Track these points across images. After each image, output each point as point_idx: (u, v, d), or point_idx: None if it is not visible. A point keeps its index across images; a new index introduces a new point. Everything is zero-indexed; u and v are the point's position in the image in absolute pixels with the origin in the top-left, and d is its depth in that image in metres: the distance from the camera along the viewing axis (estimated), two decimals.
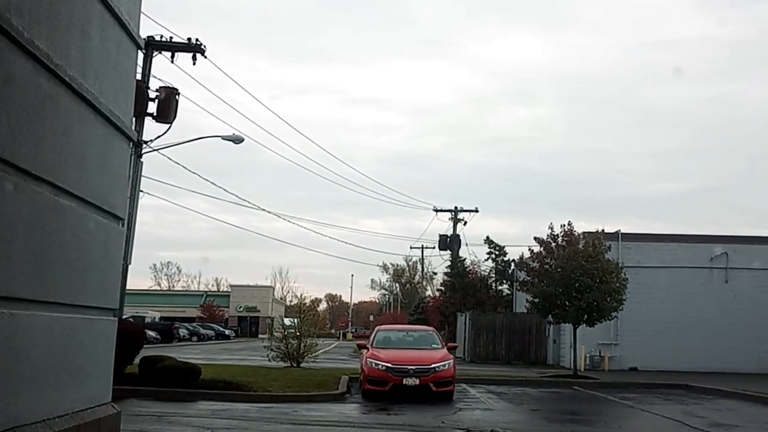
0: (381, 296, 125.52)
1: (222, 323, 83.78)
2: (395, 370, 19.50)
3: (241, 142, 26.51)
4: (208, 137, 26.93)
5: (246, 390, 19.47)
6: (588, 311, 26.87)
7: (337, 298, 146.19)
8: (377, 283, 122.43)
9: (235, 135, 26.72)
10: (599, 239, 27.86)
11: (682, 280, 37.05)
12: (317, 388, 20.45)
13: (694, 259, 37.44)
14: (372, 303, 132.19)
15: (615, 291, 27.03)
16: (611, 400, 21.03)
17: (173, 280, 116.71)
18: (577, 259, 26.66)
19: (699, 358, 35.37)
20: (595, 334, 34.51)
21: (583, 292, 26.52)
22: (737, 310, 36.80)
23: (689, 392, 24.13)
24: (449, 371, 19.82)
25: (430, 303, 65.37)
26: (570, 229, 28.40)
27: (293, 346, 27.36)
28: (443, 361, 19.86)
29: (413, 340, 22.16)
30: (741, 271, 37.38)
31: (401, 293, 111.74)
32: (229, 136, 26.64)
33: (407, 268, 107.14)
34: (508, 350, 41.57)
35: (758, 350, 35.87)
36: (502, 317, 43.41)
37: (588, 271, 26.50)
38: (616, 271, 27.32)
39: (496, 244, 53.14)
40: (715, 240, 38.18)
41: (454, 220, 50.96)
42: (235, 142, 26.51)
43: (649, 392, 23.68)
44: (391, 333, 23.35)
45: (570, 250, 27.23)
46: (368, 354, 20.59)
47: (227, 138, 26.51)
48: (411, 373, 19.42)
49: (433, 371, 19.53)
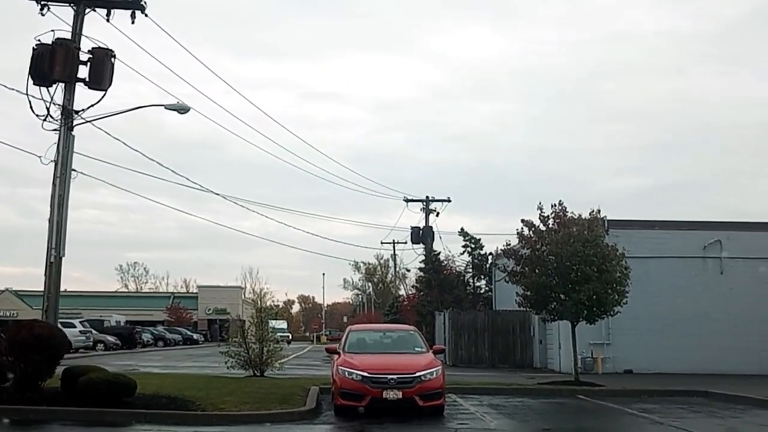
0: (354, 296, 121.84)
1: (190, 327, 79.41)
2: (373, 381, 15.77)
3: (186, 112, 22.84)
4: (150, 106, 23.22)
5: (193, 408, 15.70)
6: (588, 306, 23.13)
7: (310, 300, 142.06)
8: (350, 282, 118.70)
9: (179, 104, 22.99)
10: (597, 220, 24.02)
11: (675, 272, 33.52)
12: (280, 403, 16.68)
13: (686, 248, 33.94)
14: (346, 304, 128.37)
15: (617, 281, 23.34)
16: (630, 413, 17.33)
17: (140, 281, 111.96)
18: (572, 245, 22.87)
19: (696, 358, 31.87)
20: (585, 334, 30.99)
21: (581, 283, 22.78)
22: (734, 304, 33.33)
23: (712, 400, 20.58)
24: (438, 381, 16.15)
25: (405, 302, 61.74)
26: (562, 209, 24.41)
27: (255, 352, 23.60)
28: (430, 368, 16.19)
29: (392, 343, 18.33)
30: (736, 261, 33.94)
31: (374, 293, 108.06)
32: (173, 105, 22.92)
33: (379, 266, 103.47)
34: (491, 352, 37.87)
35: (758, 349, 32.46)
36: (483, 316, 39.76)
37: (586, 258, 22.72)
38: (618, 258, 23.66)
39: (471, 236, 49.53)
40: (708, 226, 34.78)
41: (426, 211, 47.09)
42: (180, 111, 22.80)
43: (667, 402, 19.99)
44: (365, 334, 19.38)
45: (564, 234, 23.39)
46: (340, 360, 16.83)
47: (171, 107, 22.81)
48: (392, 383, 15.70)
49: (418, 381, 15.85)
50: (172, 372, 27.37)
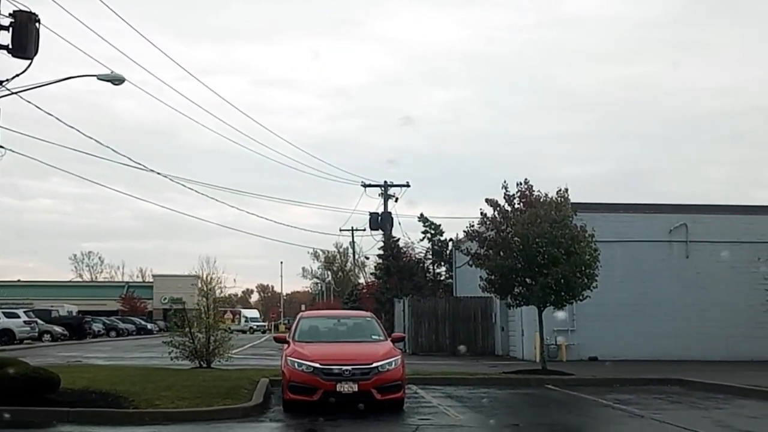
0: (313, 285, 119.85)
1: (145, 316, 76.95)
2: (326, 373, 14.12)
3: (120, 83, 21.14)
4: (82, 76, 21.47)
5: (124, 405, 13.91)
6: (556, 290, 21.55)
7: (269, 289, 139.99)
8: (309, 271, 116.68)
9: (113, 74, 21.19)
10: (565, 199, 22.40)
11: (641, 256, 32.27)
12: (223, 398, 14.93)
13: (652, 232, 32.70)
14: (305, 293, 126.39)
15: (586, 264, 21.75)
16: (605, 405, 15.80)
17: (95, 271, 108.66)
18: (539, 225, 21.23)
19: (661, 345, 30.70)
20: (549, 320, 29.68)
21: (549, 266, 21.18)
22: (700, 289, 32.23)
23: (689, 389, 19.16)
24: (397, 372, 14.53)
25: (364, 290, 60.13)
26: (528, 187, 22.74)
27: (201, 342, 21.80)
28: (388, 358, 14.56)
29: (347, 331, 16.61)
30: (703, 245, 32.78)
31: (334, 281, 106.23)
32: (106, 75, 21.16)
33: (338, 254, 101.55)
34: (452, 340, 36.39)
35: (725, 335, 31.39)
36: (444, 302, 38.20)
37: (554, 239, 21.11)
38: (587, 240, 22.11)
39: (431, 222, 47.90)
40: (673, 209, 33.58)
41: (384, 196, 45.31)
42: (114, 82, 21.07)
43: (641, 391, 18.54)
44: (318, 321, 17.57)
45: (530, 213, 21.74)
46: (289, 350, 15.08)
47: (104, 78, 21.05)
48: (347, 375, 14.06)
49: (375, 372, 14.21)
50: (113, 364, 25.45)
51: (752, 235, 32.71)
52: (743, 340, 31.40)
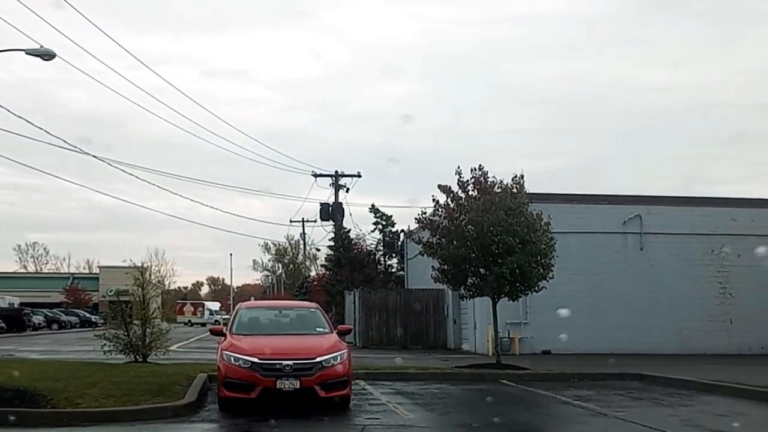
0: (264, 278, 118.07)
1: (90, 308, 74.57)
2: (265, 368, 12.87)
3: (51, 58, 19.71)
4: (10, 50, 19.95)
5: (42, 404, 12.51)
6: (511, 280, 20.50)
7: (220, 281, 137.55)
8: (260, 264, 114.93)
9: (43, 48, 19.72)
10: (520, 186, 21.28)
11: (595, 248, 31.51)
12: (154, 396, 13.59)
13: (606, 224, 31.96)
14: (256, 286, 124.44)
15: (542, 253, 20.75)
16: (564, 402, 14.75)
17: (40, 262, 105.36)
18: (494, 213, 20.14)
19: (617, 337, 29.97)
20: (502, 313, 28.71)
21: (503, 256, 20.12)
22: (654, 281, 31.61)
23: (649, 384, 18.21)
24: (343, 367, 13.33)
25: (315, 282, 58.80)
26: (483, 173, 21.56)
27: (137, 335, 20.40)
28: (334, 352, 13.37)
29: (290, 323, 15.31)
30: (657, 237, 32.18)
31: (285, 274, 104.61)
32: (35, 50, 19.70)
33: (289, 247, 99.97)
34: (404, 333, 35.34)
35: (679, 328, 30.83)
36: (395, 295, 37.15)
37: (509, 227, 20.03)
38: (543, 228, 21.10)
39: (382, 213, 46.74)
40: (628, 200, 32.88)
41: (335, 186, 44.04)
42: (44, 57, 19.63)
43: (601, 387, 17.52)
44: (258, 312, 16.21)
45: (485, 200, 20.60)
46: (225, 344, 13.79)
47: (32, 52, 19.56)
48: (288, 371, 12.83)
49: (319, 367, 13.01)
50: (45, 358, 23.92)
51: (706, 227, 32.23)
52: (696, 333, 30.89)
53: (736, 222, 32.18)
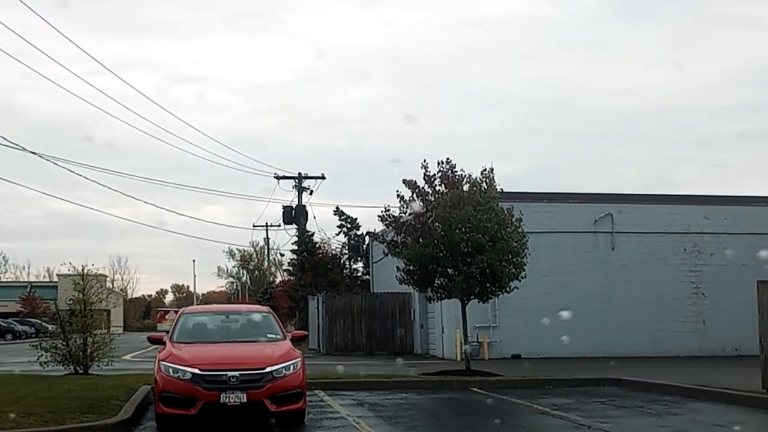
0: (229, 285, 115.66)
1: (47, 318, 71.89)
2: (207, 380, 11.26)
3: None
4: None
5: None
6: (481, 280, 19.01)
7: (184, 289, 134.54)
8: (224, 270, 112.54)
9: None
10: (490, 178, 19.77)
11: (565, 248, 30.15)
12: (83, 414, 11.89)
13: (577, 223, 30.65)
14: (221, 293, 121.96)
15: (514, 252, 19.31)
16: (542, 412, 13.23)
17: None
18: (463, 208, 18.68)
19: (588, 341, 28.54)
20: (471, 317, 27.28)
21: (473, 254, 18.63)
22: (626, 281, 30.36)
23: (629, 390, 16.81)
24: (296, 377, 11.76)
25: (279, 288, 57.07)
26: (450, 167, 19.91)
27: (77, 344, 18.66)
28: (286, 361, 11.78)
29: (239, 329, 13.66)
30: (628, 236, 30.94)
31: (250, 281, 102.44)
32: None
33: (254, 253, 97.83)
34: (369, 338, 33.81)
35: (651, 329, 29.61)
36: (360, 299, 35.59)
37: (478, 224, 18.57)
38: (514, 225, 19.69)
39: (347, 215, 45.06)
40: (598, 199, 31.63)
41: (298, 189, 42.22)
42: None
43: (578, 394, 16.10)
44: (203, 318, 14.42)
45: (453, 195, 19.16)
46: (163, 354, 12.14)
47: None
48: (233, 383, 11.24)
49: (269, 379, 11.43)
50: None
51: (678, 225, 31.11)
52: (669, 335, 29.77)
53: (709, 220, 31.12)
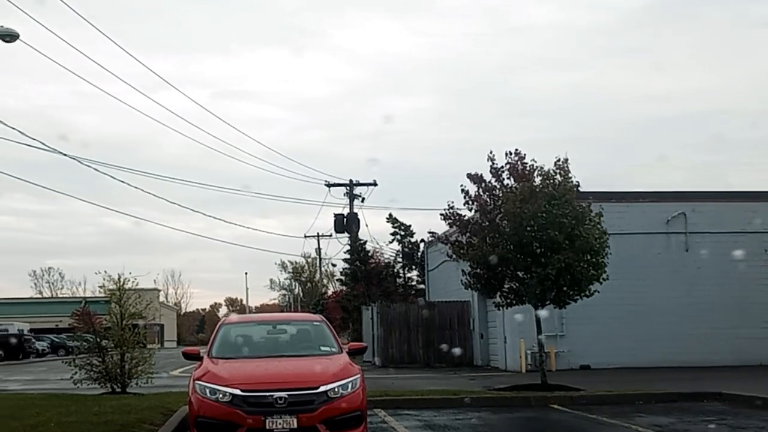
0: (281, 297, 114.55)
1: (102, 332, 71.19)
2: (251, 402, 9.37)
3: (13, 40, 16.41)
4: None
5: None
6: (557, 284, 16.84)
7: (238, 302, 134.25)
8: (276, 283, 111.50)
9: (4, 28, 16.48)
10: (564, 169, 17.43)
11: (635, 250, 27.60)
12: None
13: (648, 224, 28.22)
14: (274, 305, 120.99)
15: (594, 251, 16.98)
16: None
17: (56, 287, 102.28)
18: (536, 202, 16.49)
19: (663, 349, 26.35)
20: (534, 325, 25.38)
21: (548, 254, 16.42)
22: (702, 286, 27.78)
23: (737, 406, 14.43)
24: (355, 397, 9.79)
25: (331, 299, 55.30)
26: (519, 158, 17.59)
27: (114, 362, 16.95)
28: (343, 378, 9.84)
29: (288, 341, 11.73)
30: (703, 236, 28.31)
31: (302, 292, 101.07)
32: None
33: (306, 264, 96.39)
34: (426, 350, 31.84)
35: (732, 336, 26.98)
36: (416, 308, 33.62)
37: (553, 219, 16.35)
38: (594, 221, 17.36)
39: (401, 222, 43.06)
40: (671, 197, 29.16)
41: (349, 196, 40.48)
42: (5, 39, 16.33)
43: (678, 411, 13.76)
44: (246, 329, 12.34)
45: (524, 188, 16.90)
46: (199, 371, 10.27)
47: None
48: (281, 405, 9.32)
49: (324, 399, 9.50)
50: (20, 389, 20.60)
51: (757, 223, 28.39)
52: (751, 342, 27.08)
53: None
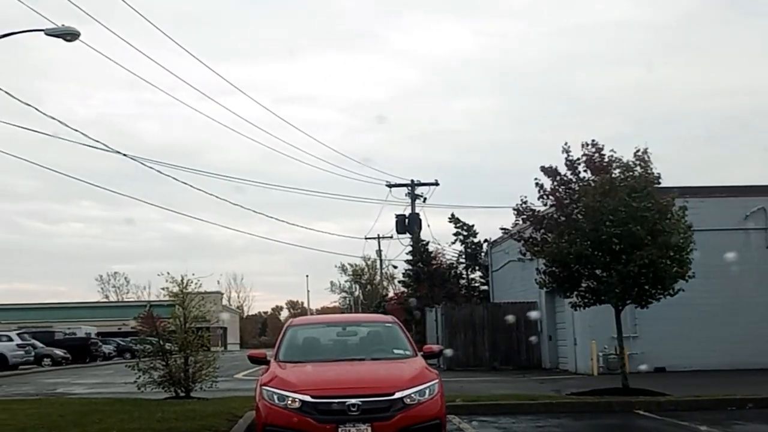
0: (342, 300, 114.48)
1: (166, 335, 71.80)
2: (321, 409, 8.68)
3: (73, 39, 16.02)
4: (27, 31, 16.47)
5: None
6: (639, 282, 15.73)
7: (299, 305, 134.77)
8: (337, 285, 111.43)
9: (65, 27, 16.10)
10: (644, 161, 16.26)
11: (711, 248, 26.12)
12: None
13: (725, 219, 26.75)
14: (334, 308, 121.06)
15: (678, 247, 15.88)
16: None
17: (121, 292, 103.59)
18: (617, 195, 15.41)
19: (743, 351, 24.89)
20: (606, 326, 24.11)
21: (628, 250, 15.35)
22: None
23: None
24: (434, 404, 9.03)
25: (393, 301, 54.53)
26: (597, 149, 16.44)
27: (178, 365, 16.45)
28: (420, 384, 9.08)
29: (358, 344, 10.94)
30: None
31: (362, 295, 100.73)
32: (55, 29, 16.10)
33: (366, 267, 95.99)
34: (492, 352, 30.86)
35: None
36: (481, 310, 32.63)
37: (635, 214, 15.27)
38: (678, 215, 16.24)
39: (463, 223, 42.05)
40: (748, 192, 27.60)
41: (411, 196, 39.60)
42: (66, 38, 15.97)
43: None
44: (315, 331, 11.51)
45: (604, 180, 15.79)
46: (267, 376, 9.61)
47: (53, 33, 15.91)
48: (354, 412, 8.61)
49: (400, 407, 8.75)
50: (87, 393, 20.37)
51: None
52: None
53: None
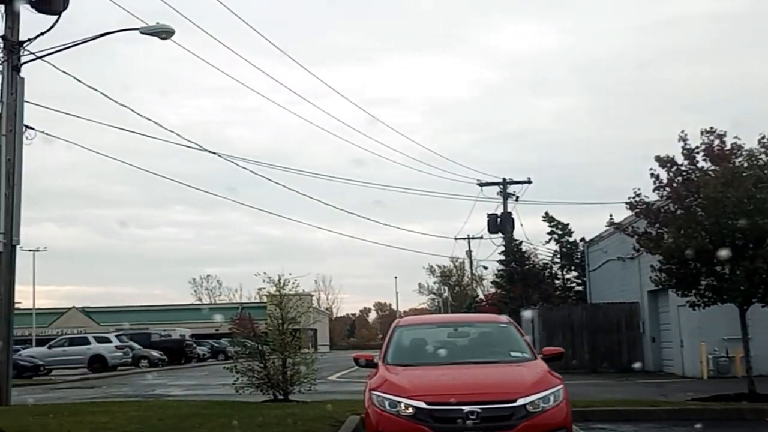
0: (430, 301, 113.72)
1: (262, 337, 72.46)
2: (438, 417, 7.95)
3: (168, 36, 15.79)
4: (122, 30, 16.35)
5: None
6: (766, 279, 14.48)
7: (387, 307, 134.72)
8: (425, 287, 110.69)
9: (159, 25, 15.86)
10: None
11: None
12: None
13: None
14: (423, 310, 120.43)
15: None
16: None
17: (214, 294, 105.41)
18: (741, 186, 14.24)
19: None
20: (716, 327, 22.78)
21: (755, 245, 14.19)
22: None
23: None
24: (559, 411, 8.23)
25: (483, 302, 53.47)
26: (717, 136, 15.27)
27: (275, 367, 15.95)
28: (544, 389, 8.31)
29: (473, 346, 10.07)
30: None
31: (451, 296, 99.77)
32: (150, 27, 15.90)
33: (454, 268, 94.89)
34: (592, 354, 29.64)
35: None
36: (580, 311, 31.43)
37: (762, 205, 14.08)
38: None
39: (558, 221, 40.66)
40: None
41: (503, 194, 38.32)
42: (161, 36, 15.73)
43: None
44: (424, 332, 10.63)
45: (726, 170, 14.65)
46: (376, 380, 8.95)
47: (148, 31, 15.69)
48: (473, 420, 7.83)
49: (522, 415, 7.96)
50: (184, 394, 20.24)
51: None
52: None
53: None
